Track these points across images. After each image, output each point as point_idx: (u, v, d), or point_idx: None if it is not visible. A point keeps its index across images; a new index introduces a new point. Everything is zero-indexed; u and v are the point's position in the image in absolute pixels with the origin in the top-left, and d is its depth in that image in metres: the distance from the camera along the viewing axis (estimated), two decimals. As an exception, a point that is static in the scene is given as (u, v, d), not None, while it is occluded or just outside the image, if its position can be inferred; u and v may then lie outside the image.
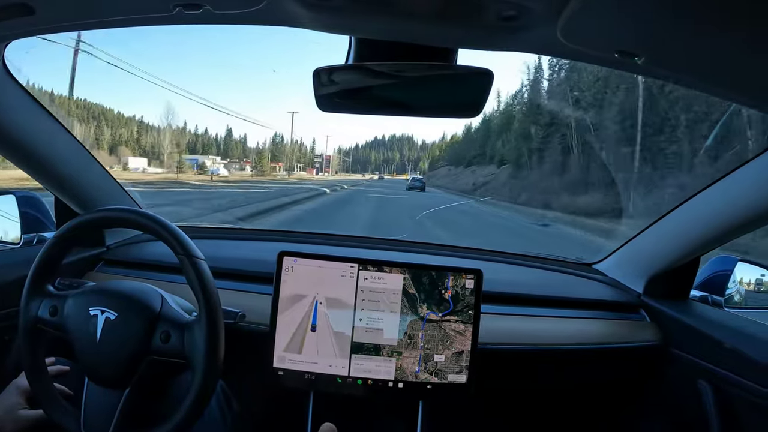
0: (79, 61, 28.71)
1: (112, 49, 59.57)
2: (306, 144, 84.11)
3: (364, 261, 1.25)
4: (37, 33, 0.92)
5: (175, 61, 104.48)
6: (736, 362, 1.22)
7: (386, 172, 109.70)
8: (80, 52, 26.99)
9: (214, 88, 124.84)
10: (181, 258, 0.95)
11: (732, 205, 1.19)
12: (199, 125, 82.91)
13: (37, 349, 1.00)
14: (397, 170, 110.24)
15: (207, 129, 70.68)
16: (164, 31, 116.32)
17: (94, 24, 0.89)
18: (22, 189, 1.50)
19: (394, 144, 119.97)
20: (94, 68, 59.58)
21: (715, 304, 1.44)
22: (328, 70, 0.97)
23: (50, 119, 1.24)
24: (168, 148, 44.93)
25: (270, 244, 1.78)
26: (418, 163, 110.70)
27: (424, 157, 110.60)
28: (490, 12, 0.70)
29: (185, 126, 63.70)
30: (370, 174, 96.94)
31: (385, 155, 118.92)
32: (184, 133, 64.90)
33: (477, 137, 49.32)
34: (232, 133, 76.04)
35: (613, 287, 1.62)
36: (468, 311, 1.24)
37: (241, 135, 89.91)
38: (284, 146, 73.68)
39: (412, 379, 1.23)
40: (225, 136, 75.73)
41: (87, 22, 0.88)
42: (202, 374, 0.91)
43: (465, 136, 57.48)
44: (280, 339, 1.23)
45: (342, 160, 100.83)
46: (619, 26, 0.72)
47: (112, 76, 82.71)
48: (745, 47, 0.69)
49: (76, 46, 25.73)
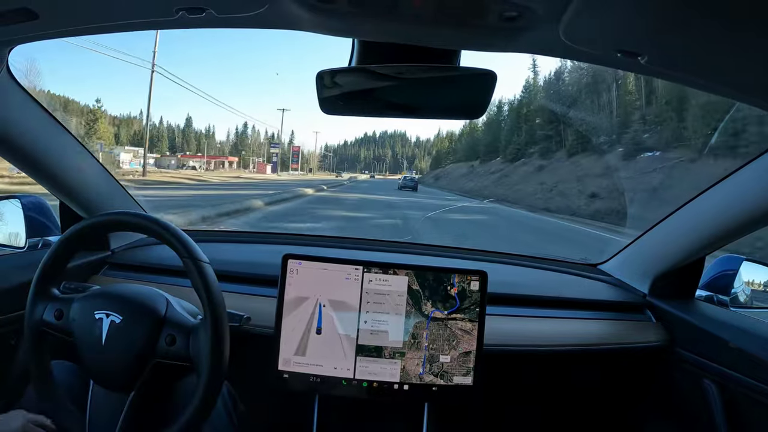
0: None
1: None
2: (283, 138, 74.56)
3: (368, 263, 1.25)
4: (41, 38, 0.93)
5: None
6: (743, 362, 1.21)
7: (378, 170, 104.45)
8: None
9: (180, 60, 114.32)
10: (186, 261, 0.95)
11: (737, 203, 1.19)
12: (160, 115, 75.36)
13: (42, 352, 1.00)
14: (390, 169, 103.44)
15: (163, 118, 65.00)
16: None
17: (98, 29, 0.89)
18: (27, 193, 1.51)
19: (386, 141, 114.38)
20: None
21: (720, 303, 1.44)
22: (331, 73, 0.97)
23: (54, 123, 1.24)
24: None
25: (274, 247, 1.78)
26: (413, 160, 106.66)
27: (420, 154, 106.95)
28: (492, 13, 0.70)
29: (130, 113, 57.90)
30: (349, 173, 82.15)
31: (376, 152, 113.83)
32: (129, 121, 59.19)
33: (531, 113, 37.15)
34: (191, 122, 70.09)
35: (618, 288, 1.62)
36: (475, 309, 1.24)
37: (207, 126, 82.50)
38: (246, 138, 67.68)
39: (416, 381, 1.23)
40: (184, 127, 69.30)
41: (90, 27, 0.88)
42: (207, 377, 0.91)
43: (493, 119, 44.69)
44: (285, 342, 1.23)
45: (323, 156, 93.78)
46: (621, 26, 0.71)
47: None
48: (747, 45, 0.69)
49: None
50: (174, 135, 67.89)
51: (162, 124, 67.71)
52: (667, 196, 14.17)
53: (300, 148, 75.33)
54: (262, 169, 57.17)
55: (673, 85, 9.60)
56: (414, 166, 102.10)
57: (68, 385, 1.10)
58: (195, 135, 70.61)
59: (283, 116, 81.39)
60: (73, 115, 42.63)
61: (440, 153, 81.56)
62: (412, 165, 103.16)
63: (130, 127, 59.20)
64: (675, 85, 14.04)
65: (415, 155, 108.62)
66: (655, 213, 1.04)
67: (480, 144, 47.58)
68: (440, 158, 76.87)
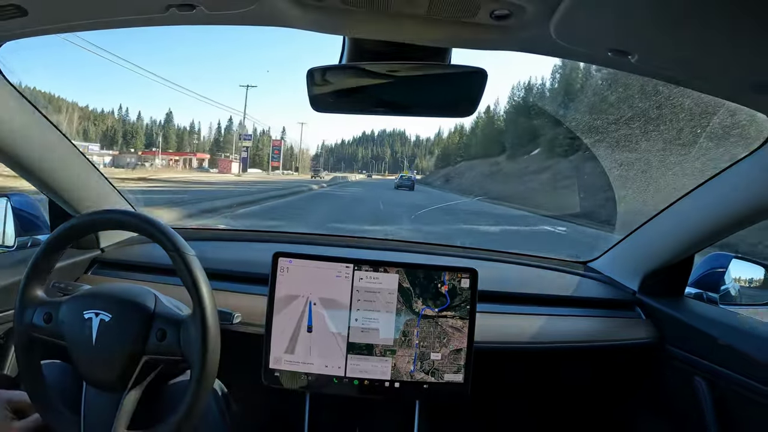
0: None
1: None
2: (275, 135, 71.42)
3: (359, 261, 1.24)
4: (31, 34, 0.92)
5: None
6: (732, 358, 1.22)
7: (376, 170, 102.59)
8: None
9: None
10: (173, 255, 0.94)
11: (725, 202, 1.20)
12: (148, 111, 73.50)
13: (33, 356, 0.99)
14: (389, 169, 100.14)
15: (141, 113, 62.99)
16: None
17: (87, 25, 0.89)
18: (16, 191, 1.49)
19: (385, 140, 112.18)
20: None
21: (710, 301, 1.45)
22: (321, 71, 0.97)
23: (44, 121, 1.23)
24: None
25: (264, 245, 1.78)
26: (414, 160, 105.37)
27: (421, 154, 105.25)
28: (483, 11, 0.70)
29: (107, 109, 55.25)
30: (335, 173, 73.98)
31: (375, 152, 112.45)
32: (102, 117, 57.27)
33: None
34: (172, 118, 68.04)
35: (608, 285, 1.63)
36: (465, 306, 1.24)
37: (192, 122, 78.04)
38: (230, 134, 64.11)
39: (407, 378, 1.23)
40: (164, 123, 67.01)
41: (80, 24, 0.88)
42: (199, 370, 0.91)
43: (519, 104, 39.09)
44: (276, 340, 1.23)
45: (315, 156, 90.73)
46: (612, 25, 0.72)
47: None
48: (736, 45, 0.69)
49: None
50: (151, 132, 65.62)
51: (141, 120, 65.93)
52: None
53: (282, 143, 69.14)
54: (225, 167, 49.87)
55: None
56: (414, 165, 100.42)
57: (61, 385, 1.09)
58: (177, 131, 68.67)
59: (247, 93, 60.46)
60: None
61: (448, 150, 75.57)
62: (412, 165, 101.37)
63: (102, 122, 57.29)
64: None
65: (415, 155, 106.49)
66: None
67: (507, 134, 39.29)
68: (448, 155, 70.47)
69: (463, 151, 61.90)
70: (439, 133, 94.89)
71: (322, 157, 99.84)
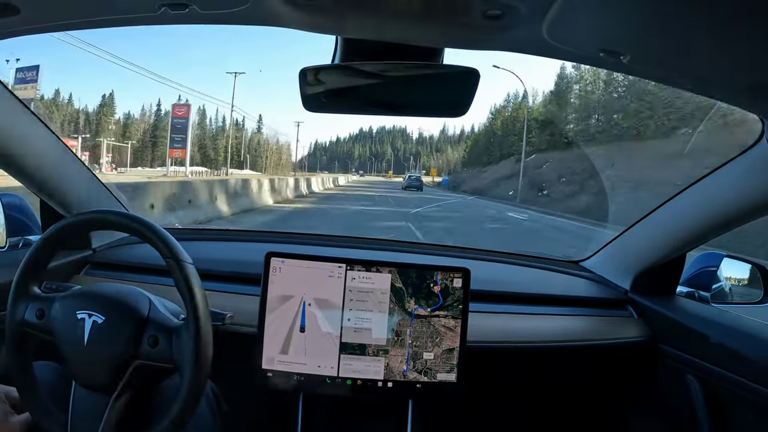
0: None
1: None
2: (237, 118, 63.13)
3: (351, 261, 1.24)
4: (22, 33, 0.91)
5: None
6: (723, 356, 1.23)
7: (375, 170, 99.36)
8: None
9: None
10: (169, 262, 0.94)
11: (717, 202, 1.21)
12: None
13: (24, 352, 0.98)
14: (392, 168, 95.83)
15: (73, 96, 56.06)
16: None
17: (80, 24, 0.88)
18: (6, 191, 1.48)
19: (384, 137, 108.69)
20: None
21: (701, 299, 1.45)
22: (314, 70, 0.97)
23: (35, 120, 1.22)
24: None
25: (257, 245, 1.77)
26: (418, 157, 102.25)
27: (425, 151, 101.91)
28: (475, 11, 0.70)
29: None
30: (325, 173, 67.13)
31: (373, 149, 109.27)
32: (56, 105, 53.06)
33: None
34: (112, 103, 62.34)
35: (600, 284, 1.63)
36: (458, 306, 1.24)
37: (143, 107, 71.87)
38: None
39: (400, 378, 1.23)
40: (98, 108, 60.99)
41: (72, 22, 0.87)
42: (190, 379, 0.90)
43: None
44: (269, 340, 1.22)
45: (308, 155, 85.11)
46: (604, 25, 0.72)
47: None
48: (729, 46, 0.70)
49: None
50: (78, 116, 57.90)
51: (61, 98, 57.31)
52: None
53: (189, 110, 45.34)
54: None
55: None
56: (419, 164, 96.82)
57: (51, 385, 1.08)
58: (128, 119, 63.43)
59: (235, 81, 53.46)
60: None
61: (477, 147, 61.32)
62: (418, 164, 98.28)
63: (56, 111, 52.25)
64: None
65: (419, 152, 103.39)
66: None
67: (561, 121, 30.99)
68: (477, 154, 57.70)
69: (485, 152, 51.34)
70: (444, 130, 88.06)
71: (313, 157, 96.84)
